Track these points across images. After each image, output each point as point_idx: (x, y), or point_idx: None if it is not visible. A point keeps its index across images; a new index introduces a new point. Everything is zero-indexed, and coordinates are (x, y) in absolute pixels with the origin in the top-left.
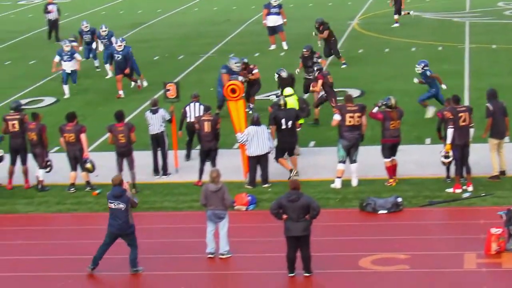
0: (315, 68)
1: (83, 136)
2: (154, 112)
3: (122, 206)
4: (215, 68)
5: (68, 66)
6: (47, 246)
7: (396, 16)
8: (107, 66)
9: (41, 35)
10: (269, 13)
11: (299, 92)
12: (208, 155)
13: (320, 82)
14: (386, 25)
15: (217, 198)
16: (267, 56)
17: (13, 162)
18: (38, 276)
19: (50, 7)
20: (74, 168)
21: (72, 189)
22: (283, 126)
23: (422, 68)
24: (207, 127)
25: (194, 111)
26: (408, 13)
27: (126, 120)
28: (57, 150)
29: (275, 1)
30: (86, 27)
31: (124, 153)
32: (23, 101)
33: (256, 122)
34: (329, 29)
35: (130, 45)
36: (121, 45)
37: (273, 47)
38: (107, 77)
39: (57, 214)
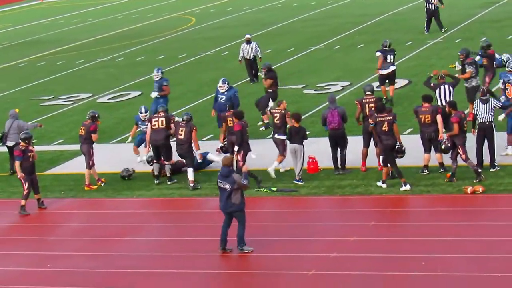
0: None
1: (439, 117)
2: (485, 102)
3: (227, 186)
4: None
5: None
6: (396, 229)
7: None
8: None
9: (391, 18)
10: None
11: None
12: None
13: None
14: None
15: None
16: None
17: (366, 145)
18: (390, 257)
19: None
20: (428, 150)
21: (425, 171)
22: None
23: None
24: None
25: None
26: None
27: None
28: (409, 133)
29: None
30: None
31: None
32: (374, 84)
33: None
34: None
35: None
36: (222, 86)
37: None
38: None
39: (405, 196)
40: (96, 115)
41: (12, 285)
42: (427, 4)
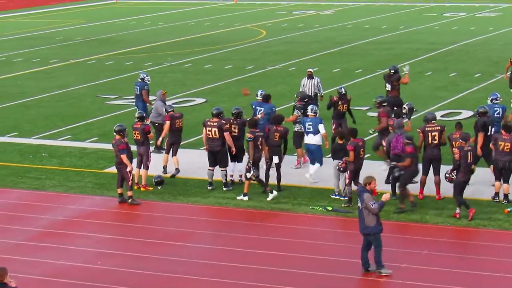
0: None
1: None
2: None
3: (359, 205)
4: None
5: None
6: (449, 259)
7: None
8: None
9: (462, 48)
10: None
11: None
12: None
13: None
14: None
15: None
16: None
17: (425, 173)
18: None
19: None
20: (499, 178)
21: (496, 198)
22: None
23: None
24: None
25: None
26: None
27: None
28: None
29: None
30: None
31: None
32: (439, 113)
33: None
34: None
35: None
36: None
37: None
38: None
39: (462, 228)
40: (144, 115)
41: (61, 279)
42: None
